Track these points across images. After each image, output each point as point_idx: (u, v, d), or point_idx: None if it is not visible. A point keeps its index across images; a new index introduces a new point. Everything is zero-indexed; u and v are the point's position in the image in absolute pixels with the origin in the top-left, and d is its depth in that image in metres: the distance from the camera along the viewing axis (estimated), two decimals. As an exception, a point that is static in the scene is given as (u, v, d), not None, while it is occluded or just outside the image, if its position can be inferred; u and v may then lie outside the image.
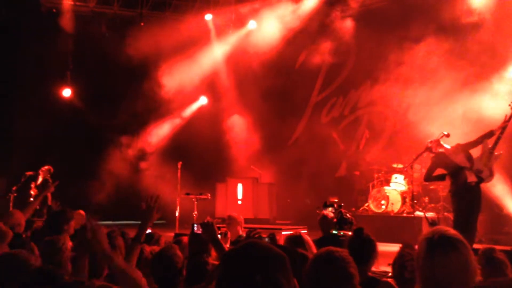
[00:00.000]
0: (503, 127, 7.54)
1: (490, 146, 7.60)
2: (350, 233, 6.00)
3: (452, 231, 2.16)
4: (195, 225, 3.43)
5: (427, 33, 11.55)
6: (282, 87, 14.72)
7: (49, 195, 10.61)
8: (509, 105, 7.65)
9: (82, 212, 8.01)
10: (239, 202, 12.94)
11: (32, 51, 13.52)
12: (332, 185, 13.71)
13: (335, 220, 6.09)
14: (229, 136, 14.55)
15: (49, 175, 11.11)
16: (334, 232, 5.94)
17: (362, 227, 3.66)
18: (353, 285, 2.37)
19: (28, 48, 13.58)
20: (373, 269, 4.05)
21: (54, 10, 14.01)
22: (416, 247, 2.23)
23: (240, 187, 13.07)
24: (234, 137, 14.53)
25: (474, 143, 7.74)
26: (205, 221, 3.41)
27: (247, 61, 14.55)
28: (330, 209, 6.27)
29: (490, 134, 7.61)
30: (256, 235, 3.44)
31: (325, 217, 6.01)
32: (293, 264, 2.60)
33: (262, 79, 14.40)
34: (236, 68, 15.01)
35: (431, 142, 8.16)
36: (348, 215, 6.23)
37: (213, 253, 3.60)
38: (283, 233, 8.92)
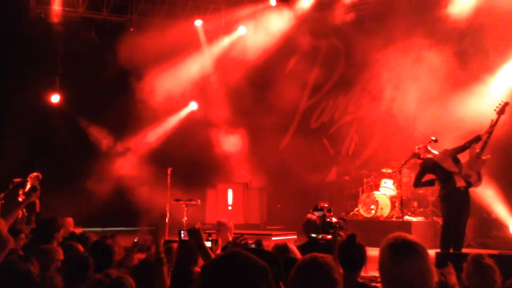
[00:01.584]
0: (489, 132, 7.61)
1: (477, 150, 7.66)
2: (329, 236, 6.01)
3: (410, 236, 2.27)
4: (182, 231, 3.40)
5: (417, 38, 11.62)
6: (272, 92, 14.75)
7: (37, 201, 10.51)
8: (495, 110, 7.73)
9: (70, 219, 7.95)
10: (230, 207, 12.91)
11: (20, 57, 13.42)
12: (322, 190, 13.73)
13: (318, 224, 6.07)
14: (219, 141, 14.52)
15: (37, 182, 10.96)
16: (313, 235, 5.93)
17: (354, 233, 3.65)
18: None
19: (17, 54, 13.47)
20: (362, 274, 4.05)
21: (43, 16, 13.93)
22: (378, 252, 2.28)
23: (230, 192, 13.03)
24: (224, 142, 14.50)
25: (461, 148, 7.80)
26: (193, 227, 3.38)
27: (237, 66, 14.55)
28: (316, 213, 6.24)
29: (477, 139, 7.67)
30: (243, 241, 3.42)
31: (308, 220, 6.00)
32: (281, 270, 2.61)
33: (252, 84, 14.41)
34: (226, 74, 14.99)
35: (418, 148, 8.20)
36: (334, 218, 6.21)
37: (201, 261, 3.57)
38: (273, 238, 8.91)
